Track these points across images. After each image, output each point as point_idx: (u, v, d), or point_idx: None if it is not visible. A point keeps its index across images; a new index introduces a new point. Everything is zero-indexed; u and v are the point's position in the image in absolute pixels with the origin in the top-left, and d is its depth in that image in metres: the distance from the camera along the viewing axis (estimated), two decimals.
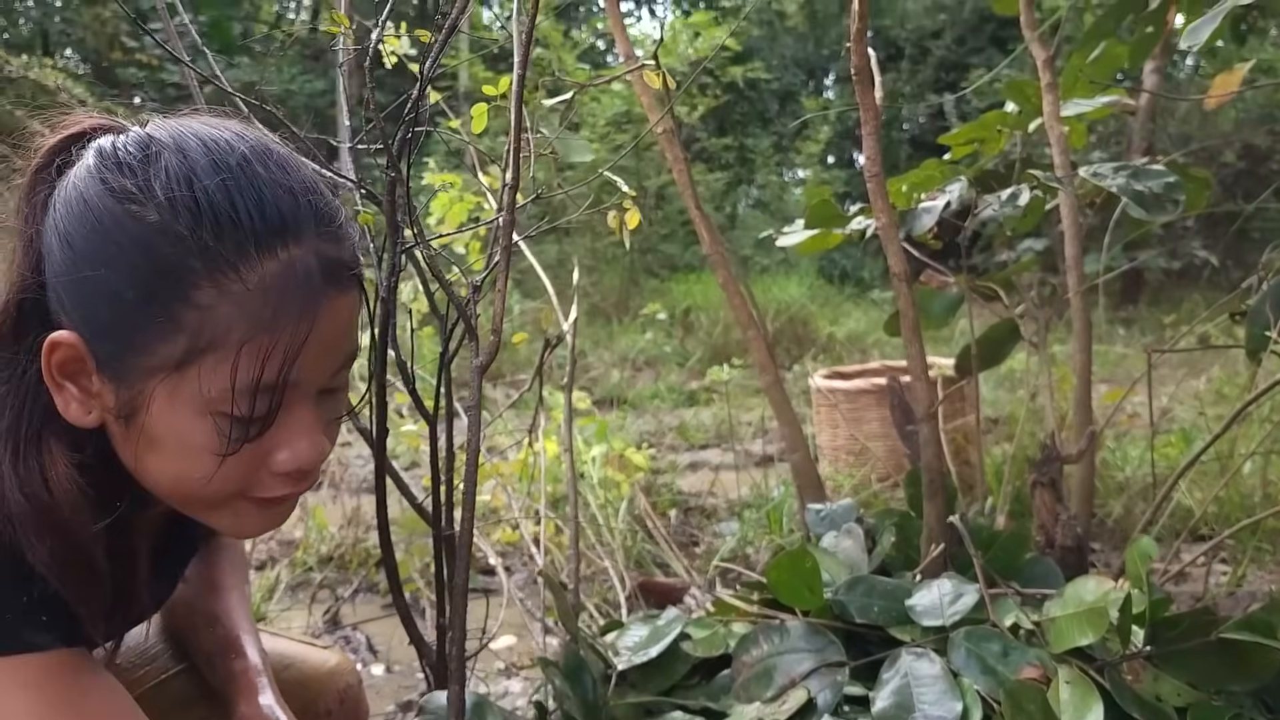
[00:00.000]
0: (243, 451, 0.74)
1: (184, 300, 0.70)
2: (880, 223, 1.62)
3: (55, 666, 0.76)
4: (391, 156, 1.20)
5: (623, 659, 1.56)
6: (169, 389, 0.72)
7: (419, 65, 1.22)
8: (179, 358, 0.71)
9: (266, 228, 0.72)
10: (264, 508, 0.79)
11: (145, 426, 0.74)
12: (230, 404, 0.72)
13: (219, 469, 0.74)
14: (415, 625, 1.37)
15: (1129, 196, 1.64)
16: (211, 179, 0.71)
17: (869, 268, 8.79)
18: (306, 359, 0.73)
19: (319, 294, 0.73)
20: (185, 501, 0.79)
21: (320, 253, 0.74)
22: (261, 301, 0.71)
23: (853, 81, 1.60)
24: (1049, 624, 1.39)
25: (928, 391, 1.66)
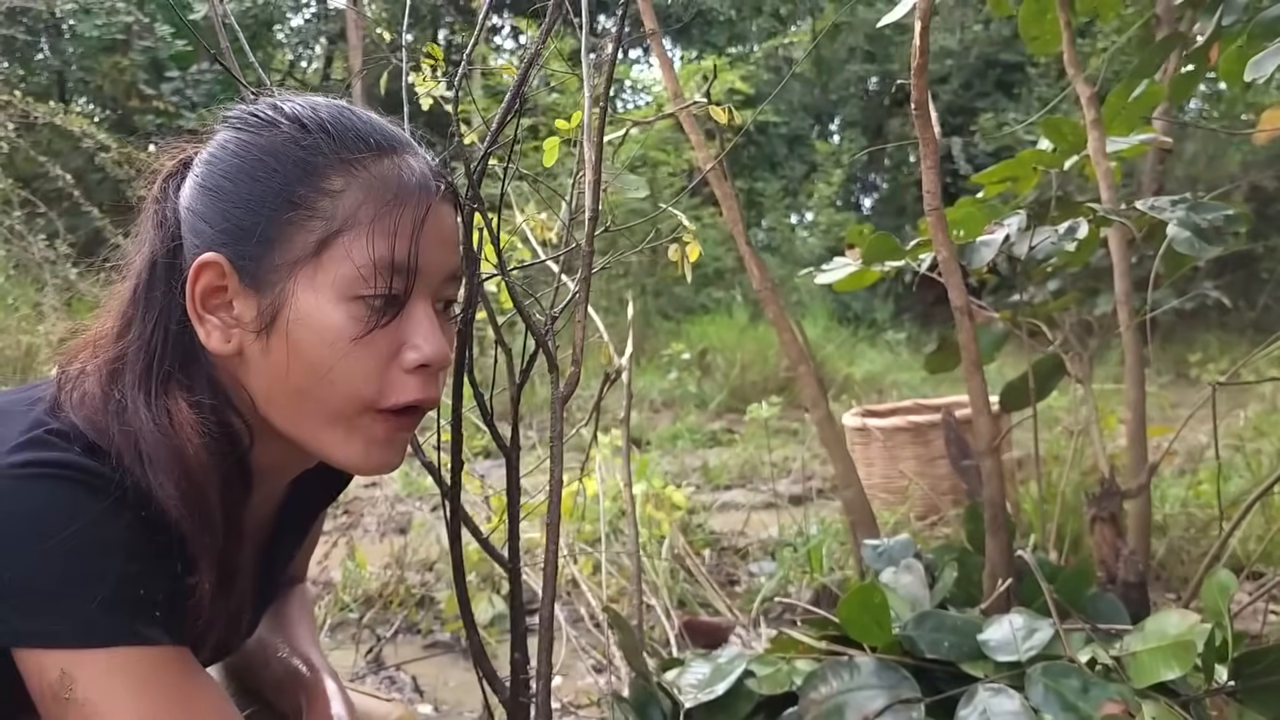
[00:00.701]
0: (376, 342, 0.79)
1: (317, 189, 0.79)
2: (942, 256, 1.62)
3: (165, 662, 0.76)
4: (474, 186, 1.20)
5: (688, 696, 1.53)
6: (309, 279, 0.78)
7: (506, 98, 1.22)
8: (317, 242, 0.78)
9: (381, 136, 0.83)
10: (390, 429, 0.82)
11: (286, 329, 0.79)
12: (365, 283, 0.78)
13: (356, 362, 0.79)
14: (488, 662, 1.34)
15: (1189, 229, 1.63)
16: (333, 108, 0.84)
17: (880, 310, 8.80)
18: (426, 248, 0.81)
19: (430, 188, 0.83)
20: (317, 421, 0.81)
21: (425, 164, 0.85)
22: (384, 186, 0.80)
23: (913, 115, 1.61)
24: (1129, 659, 1.37)
25: (990, 425, 1.65)
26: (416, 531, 2.61)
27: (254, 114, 0.84)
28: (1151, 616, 1.41)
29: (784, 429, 5.17)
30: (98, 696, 0.74)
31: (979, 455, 1.67)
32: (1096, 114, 2.04)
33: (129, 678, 0.74)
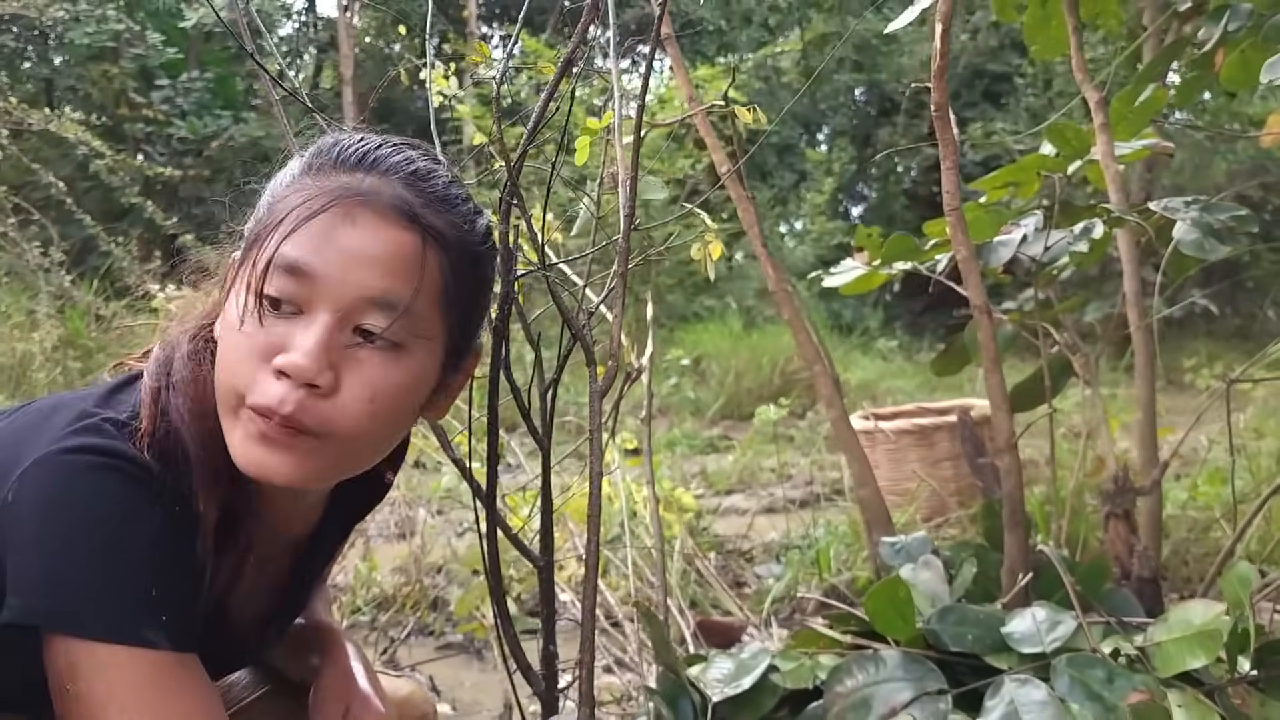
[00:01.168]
0: (261, 339, 0.80)
1: (275, 197, 0.85)
2: (961, 255, 1.65)
3: (166, 667, 0.78)
4: (515, 183, 1.22)
5: (715, 691, 1.55)
6: (242, 274, 0.82)
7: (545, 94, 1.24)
8: (250, 239, 0.84)
9: (357, 155, 0.85)
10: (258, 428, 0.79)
11: (226, 316, 0.84)
12: (268, 282, 0.80)
13: (239, 352, 0.80)
14: (523, 655, 1.35)
15: (1202, 230, 1.66)
16: (357, 136, 0.89)
17: (870, 318, 8.85)
18: (333, 261, 0.80)
19: (364, 204, 0.82)
20: (220, 407, 0.83)
21: (390, 188, 0.84)
22: (317, 197, 0.82)
23: (932, 117, 1.63)
24: (1154, 649, 1.40)
25: (1008, 422, 1.67)
26: (427, 534, 2.62)
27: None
28: (1175, 608, 1.43)
29: (781, 435, 5.19)
30: (94, 691, 0.75)
31: (998, 452, 1.69)
32: (1104, 118, 2.07)
33: (126, 678, 0.76)
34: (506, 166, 1.22)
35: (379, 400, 0.81)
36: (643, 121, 1.82)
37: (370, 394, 0.81)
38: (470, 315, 0.91)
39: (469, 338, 0.92)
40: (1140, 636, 1.45)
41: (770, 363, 6.41)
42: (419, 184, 0.85)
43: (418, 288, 0.81)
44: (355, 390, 0.80)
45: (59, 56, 9.60)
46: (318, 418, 0.79)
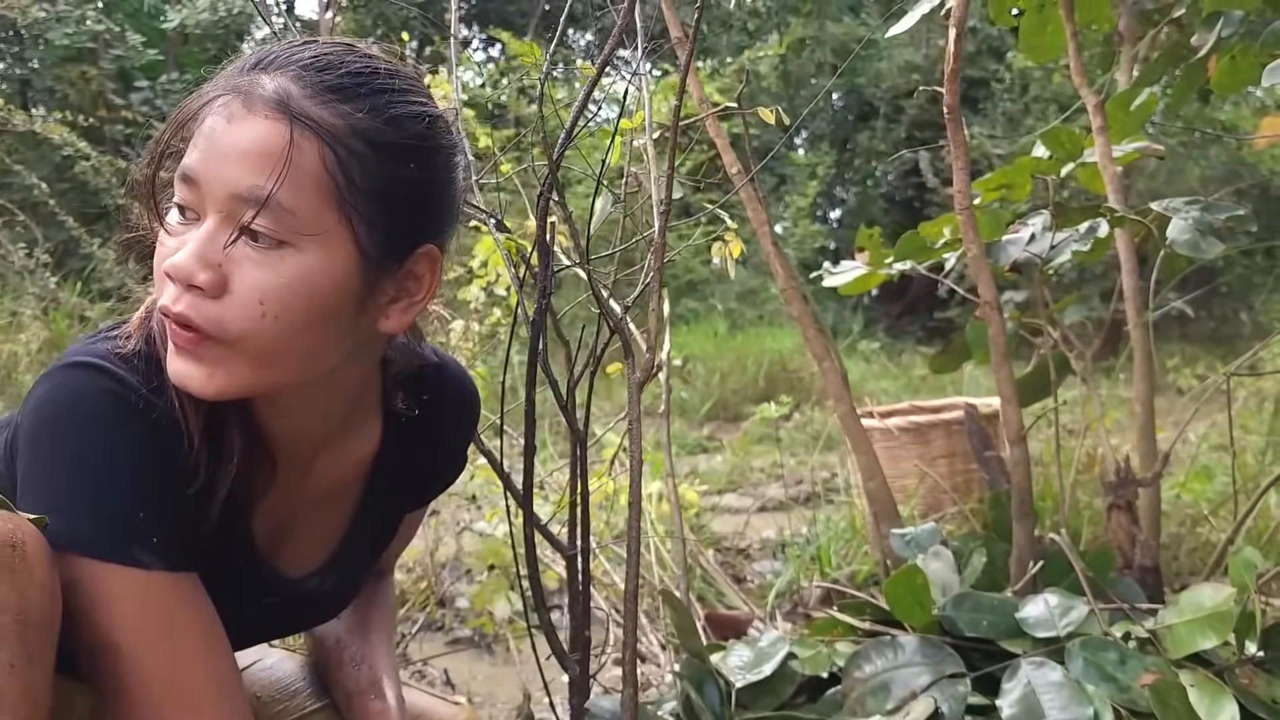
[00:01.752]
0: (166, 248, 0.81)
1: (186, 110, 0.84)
2: (972, 253, 1.70)
3: (160, 588, 0.80)
4: (556, 178, 1.26)
5: (737, 677, 1.59)
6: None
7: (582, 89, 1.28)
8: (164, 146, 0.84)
9: (259, 58, 0.83)
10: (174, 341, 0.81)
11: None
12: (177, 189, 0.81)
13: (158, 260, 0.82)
14: (559, 640, 1.39)
15: (1202, 228, 1.72)
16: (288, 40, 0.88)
17: (851, 321, 8.92)
18: (209, 160, 0.79)
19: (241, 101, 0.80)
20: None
21: (273, 82, 0.81)
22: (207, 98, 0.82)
23: (945, 119, 1.68)
24: (1165, 631, 1.45)
25: (1017, 415, 1.73)
26: (434, 530, 2.64)
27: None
28: (1186, 591, 1.49)
29: (769, 435, 5.24)
30: (92, 608, 0.78)
31: (1008, 444, 1.74)
32: (1102, 121, 2.13)
33: (122, 595, 0.78)
34: (548, 164, 1.26)
35: (269, 300, 0.80)
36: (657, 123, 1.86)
37: (259, 294, 0.79)
38: (394, 211, 0.85)
39: (401, 236, 0.86)
40: (1150, 620, 1.51)
41: (755, 364, 6.46)
42: (310, 75, 0.82)
43: (280, 180, 0.78)
44: (243, 291, 0.79)
45: (36, 57, 9.53)
46: (208, 317, 0.79)
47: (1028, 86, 9.94)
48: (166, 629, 0.80)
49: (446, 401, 1.09)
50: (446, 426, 1.11)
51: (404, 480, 1.09)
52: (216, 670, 0.83)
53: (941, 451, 2.94)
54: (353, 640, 1.16)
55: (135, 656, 0.79)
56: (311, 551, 1.02)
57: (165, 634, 0.80)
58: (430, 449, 1.09)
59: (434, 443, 1.09)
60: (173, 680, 0.80)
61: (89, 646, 0.79)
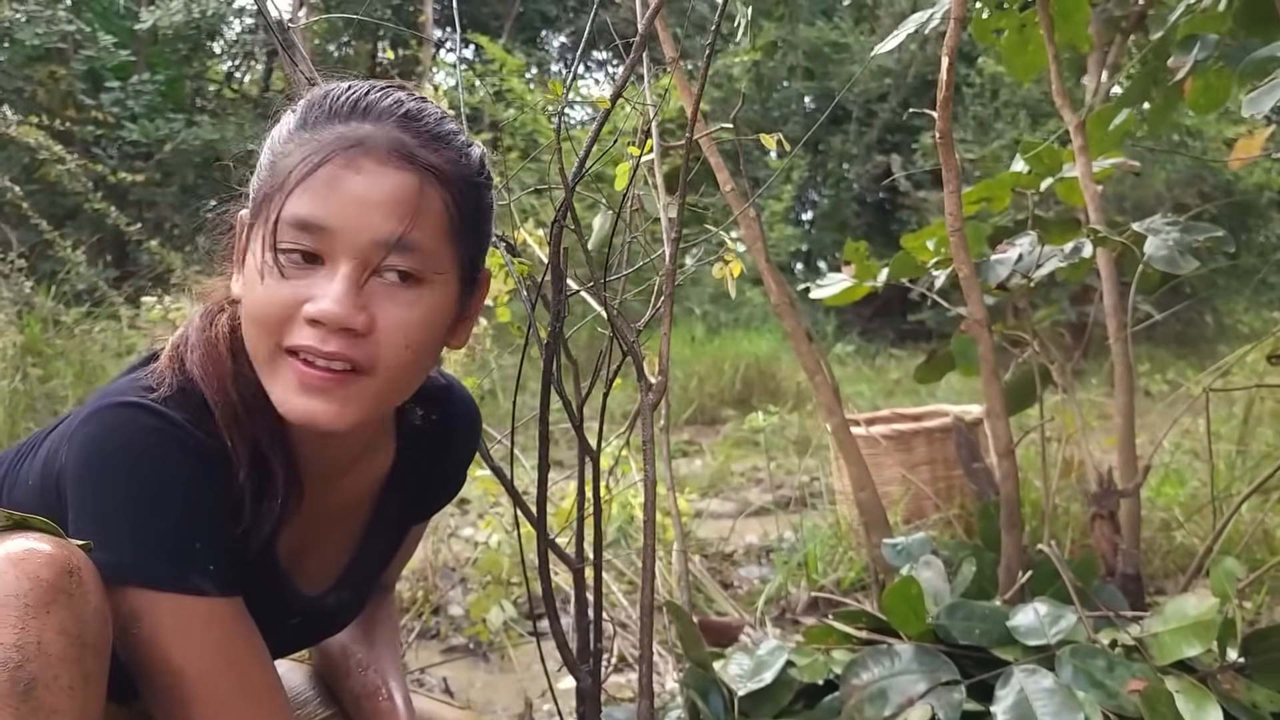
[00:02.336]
0: (286, 290, 0.85)
1: (276, 153, 0.89)
2: (963, 273, 1.75)
3: (216, 612, 0.85)
4: (571, 204, 1.30)
5: (739, 685, 1.64)
6: (257, 231, 0.88)
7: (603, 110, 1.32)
8: (261, 198, 0.88)
9: (349, 104, 0.89)
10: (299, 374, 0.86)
11: (244, 274, 0.90)
12: (284, 236, 0.85)
13: (270, 305, 0.86)
14: (569, 650, 1.43)
15: (1183, 249, 1.79)
16: (345, 85, 0.92)
17: (823, 324, 9.00)
18: (344, 210, 0.85)
19: (364, 153, 0.86)
20: (256, 359, 0.89)
21: (385, 132, 0.88)
22: (319, 150, 0.86)
23: (937, 144, 1.73)
24: (1151, 639, 1.51)
25: (1006, 429, 1.78)
26: (430, 541, 2.67)
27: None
28: (1170, 600, 1.55)
29: (745, 440, 5.30)
30: (156, 635, 0.83)
31: (997, 457, 1.80)
32: (1083, 141, 2.19)
33: (182, 624, 0.84)
34: (564, 187, 1.30)
35: (411, 334, 0.87)
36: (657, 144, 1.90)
37: (403, 330, 0.87)
38: (477, 243, 0.96)
39: (478, 264, 0.97)
40: (1136, 628, 1.57)
41: (732, 368, 6.51)
42: (412, 124, 0.89)
43: (422, 225, 0.86)
44: (389, 328, 0.86)
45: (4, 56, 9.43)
46: (363, 354, 0.86)
47: (998, 91, 10.06)
48: (227, 650, 0.85)
49: (455, 420, 1.15)
50: (455, 444, 1.17)
51: (413, 496, 1.14)
52: (270, 683, 0.89)
53: (923, 459, 3.00)
54: (359, 648, 1.21)
55: (201, 679, 0.83)
56: (327, 568, 1.07)
57: (226, 655, 0.85)
58: (439, 465, 1.15)
59: (443, 459, 1.15)
60: (235, 698, 0.85)
61: (151, 673, 0.84)
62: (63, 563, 0.75)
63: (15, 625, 0.72)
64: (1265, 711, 1.43)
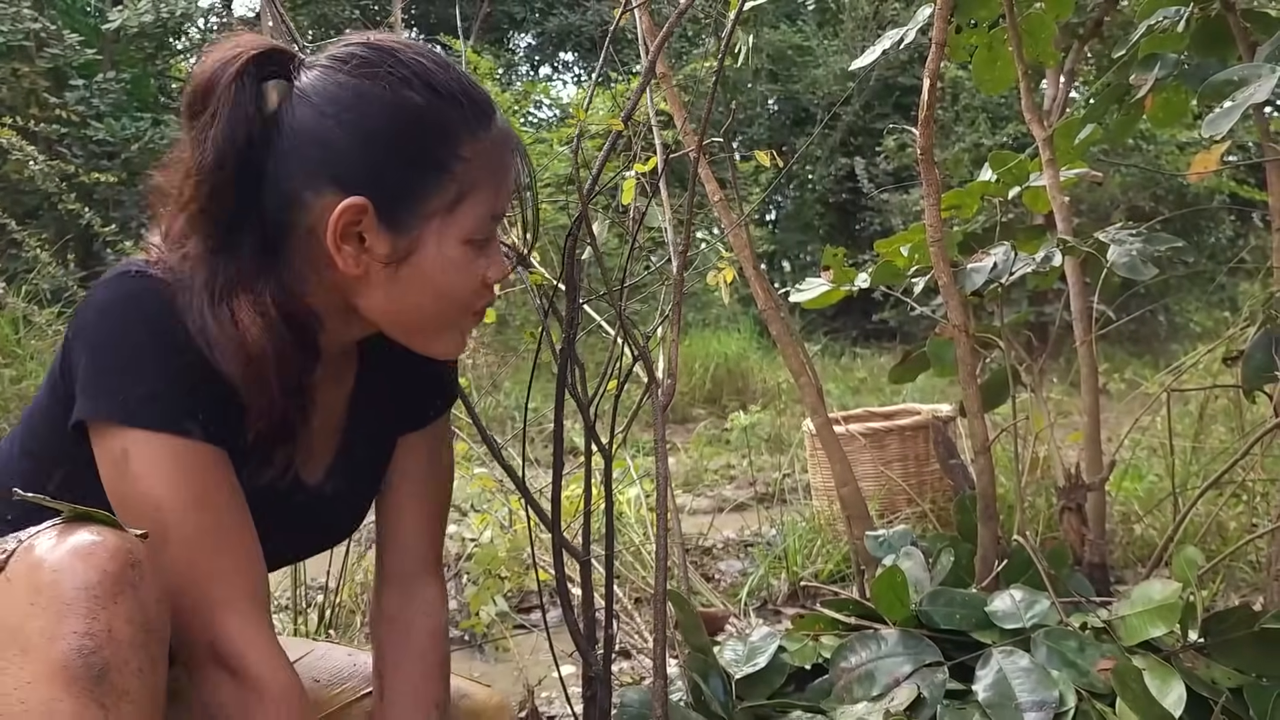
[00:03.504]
0: (475, 267, 0.99)
1: (455, 155, 0.96)
2: (943, 281, 1.87)
3: (201, 456, 0.94)
4: (587, 219, 1.39)
5: (734, 670, 1.74)
6: (439, 228, 0.96)
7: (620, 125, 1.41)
8: (451, 201, 0.96)
9: (485, 101, 0.99)
10: (472, 323, 1.05)
11: (418, 265, 0.97)
12: (479, 230, 0.98)
13: (465, 284, 0.99)
14: (580, 635, 1.52)
15: (1145, 258, 1.91)
16: (442, 69, 0.97)
17: (792, 324, 9.14)
18: (509, 196, 1.01)
19: (514, 148, 1.02)
20: (433, 328, 1.03)
21: (506, 125, 1.01)
22: (496, 154, 0.99)
23: (918, 160, 1.84)
24: (1119, 622, 1.63)
25: (983, 428, 1.90)
26: None
27: (375, 63, 0.94)
28: (1138, 586, 1.67)
29: (717, 438, 5.41)
30: (145, 472, 0.92)
31: (973, 454, 1.91)
32: (1051, 154, 2.31)
33: (169, 462, 0.92)
34: (580, 200, 1.39)
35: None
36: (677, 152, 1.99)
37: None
38: None
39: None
40: (1105, 612, 1.69)
41: (702, 368, 6.62)
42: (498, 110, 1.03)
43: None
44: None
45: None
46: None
47: (958, 95, 10.25)
48: (206, 491, 0.94)
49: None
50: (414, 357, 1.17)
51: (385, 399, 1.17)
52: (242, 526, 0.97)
53: (896, 455, 3.12)
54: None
55: (178, 513, 0.92)
56: (320, 460, 1.12)
57: (204, 494, 0.94)
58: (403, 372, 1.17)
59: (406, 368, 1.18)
60: (207, 534, 0.94)
61: (136, 506, 0.92)
62: (126, 555, 0.81)
63: (86, 615, 0.77)
64: (1223, 686, 1.54)
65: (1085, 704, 1.52)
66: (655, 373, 1.52)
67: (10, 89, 9.28)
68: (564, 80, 11.11)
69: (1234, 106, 1.68)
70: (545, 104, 9.76)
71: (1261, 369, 1.88)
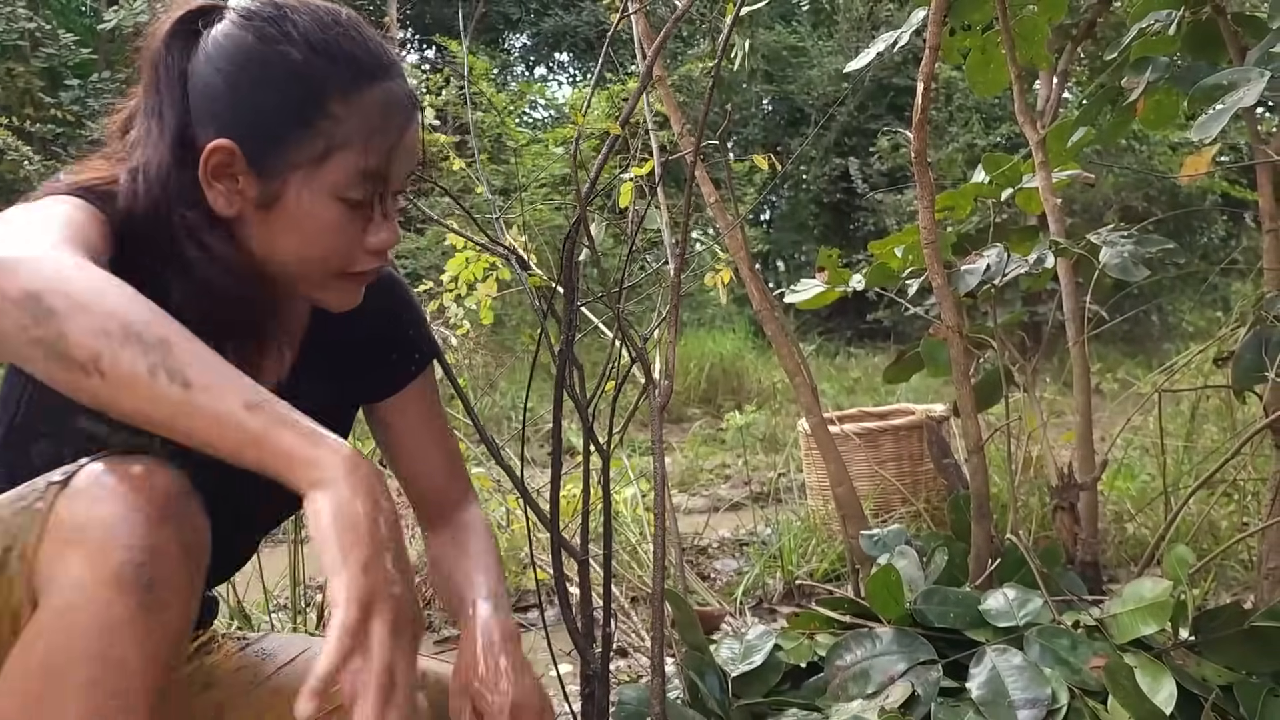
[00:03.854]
0: (349, 229, 1.00)
1: (323, 113, 0.97)
2: (937, 284, 1.88)
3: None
4: (585, 222, 1.41)
5: (730, 668, 1.75)
6: (305, 179, 0.98)
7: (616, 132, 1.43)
8: (318, 155, 0.98)
9: (376, 64, 1.00)
10: (353, 285, 1.06)
11: (284, 212, 0.99)
12: (350, 189, 0.99)
13: (333, 245, 1.00)
14: (579, 634, 1.54)
15: (1136, 260, 1.93)
16: (333, 30, 1.00)
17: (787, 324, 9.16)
18: (396, 160, 1.01)
19: (408, 112, 1.02)
20: (303, 277, 1.03)
21: (403, 86, 1.03)
22: (375, 113, 0.99)
23: (913, 163, 1.86)
24: (1110, 620, 1.65)
25: (976, 429, 1.92)
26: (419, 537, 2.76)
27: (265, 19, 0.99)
28: (1129, 584, 1.69)
29: (712, 437, 5.43)
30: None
31: (967, 453, 1.93)
32: (1044, 156, 2.33)
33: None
34: (579, 204, 1.40)
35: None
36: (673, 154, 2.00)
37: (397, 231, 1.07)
38: None
39: None
40: (1097, 610, 1.71)
41: (697, 367, 6.64)
42: (404, 74, 1.05)
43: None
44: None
45: None
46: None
47: (952, 96, 10.29)
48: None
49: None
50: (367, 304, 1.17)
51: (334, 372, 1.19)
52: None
53: (890, 455, 3.14)
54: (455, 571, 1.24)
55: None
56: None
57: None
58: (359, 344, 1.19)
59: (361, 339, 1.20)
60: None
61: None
62: (177, 486, 0.86)
63: (140, 533, 0.82)
64: (1213, 684, 1.56)
65: (1077, 701, 1.54)
66: (653, 374, 1.53)
67: (5, 89, 9.28)
68: (559, 81, 11.12)
69: (1223, 110, 1.70)
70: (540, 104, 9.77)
71: (1251, 370, 1.90)
